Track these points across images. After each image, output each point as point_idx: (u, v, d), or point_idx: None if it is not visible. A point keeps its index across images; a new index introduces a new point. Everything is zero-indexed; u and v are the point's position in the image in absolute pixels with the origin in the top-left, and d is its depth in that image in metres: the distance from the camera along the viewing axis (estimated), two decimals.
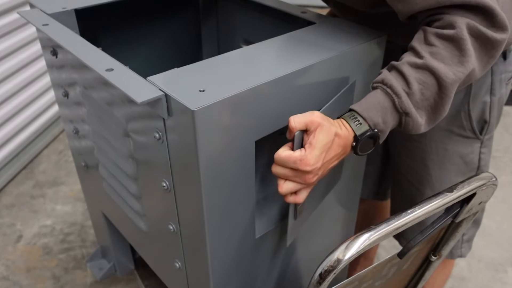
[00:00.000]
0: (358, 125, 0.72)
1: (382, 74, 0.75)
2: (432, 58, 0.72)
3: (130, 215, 1.04)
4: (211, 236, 0.79)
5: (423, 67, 0.72)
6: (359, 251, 0.64)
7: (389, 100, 0.73)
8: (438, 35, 0.73)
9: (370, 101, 0.73)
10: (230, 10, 1.25)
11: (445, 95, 0.73)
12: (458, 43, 0.71)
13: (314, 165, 0.68)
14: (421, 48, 0.73)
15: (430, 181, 1.06)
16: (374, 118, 0.72)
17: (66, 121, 1.19)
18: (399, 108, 0.73)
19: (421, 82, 0.72)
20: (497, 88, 0.96)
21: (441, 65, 0.71)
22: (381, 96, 0.73)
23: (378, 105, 0.73)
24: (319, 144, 0.68)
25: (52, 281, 1.64)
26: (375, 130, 0.73)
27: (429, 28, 0.74)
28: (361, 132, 0.72)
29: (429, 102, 0.74)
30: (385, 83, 0.73)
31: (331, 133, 0.69)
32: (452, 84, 0.72)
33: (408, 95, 0.72)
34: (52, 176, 2.15)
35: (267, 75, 0.74)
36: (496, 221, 1.91)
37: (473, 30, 0.71)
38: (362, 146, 0.73)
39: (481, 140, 1.01)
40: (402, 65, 0.73)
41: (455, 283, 1.65)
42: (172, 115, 0.70)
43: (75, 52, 0.82)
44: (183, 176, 0.76)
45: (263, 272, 0.98)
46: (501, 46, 0.74)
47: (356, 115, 0.73)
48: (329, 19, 0.97)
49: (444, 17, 0.73)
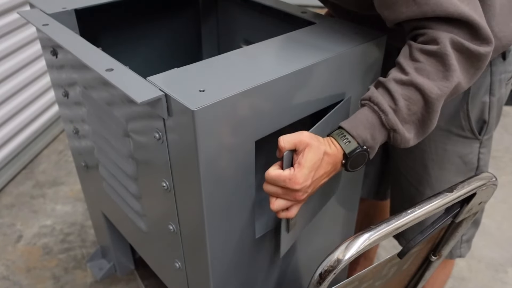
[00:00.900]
0: (347, 143, 0.74)
1: (370, 91, 0.77)
2: (417, 74, 0.74)
3: (130, 215, 1.04)
4: (211, 236, 0.79)
5: (409, 84, 0.73)
6: (359, 251, 0.64)
7: (377, 117, 0.74)
8: (423, 51, 0.74)
9: (358, 118, 0.75)
10: (230, 10, 1.25)
11: (431, 110, 0.75)
12: (442, 59, 0.73)
13: (303, 184, 0.70)
14: (407, 64, 0.75)
15: (430, 181, 1.06)
16: (362, 135, 0.74)
17: (66, 121, 1.19)
18: (386, 125, 0.74)
19: (407, 98, 0.74)
20: (496, 88, 0.96)
21: (426, 80, 0.73)
22: (368, 113, 0.75)
23: (366, 122, 0.74)
24: (308, 164, 0.70)
25: (52, 281, 1.64)
26: (364, 147, 0.74)
27: (414, 43, 0.76)
28: (350, 150, 0.74)
29: (416, 117, 0.76)
30: (372, 101, 0.75)
31: (320, 152, 0.71)
32: (437, 99, 0.74)
33: (395, 112, 0.74)
34: (52, 176, 2.15)
35: (267, 75, 0.74)
36: (496, 221, 1.91)
37: (456, 45, 0.73)
38: (352, 163, 0.75)
39: (480, 140, 1.01)
40: (389, 82, 0.75)
41: (455, 283, 1.65)
42: (172, 115, 0.70)
43: (75, 52, 0.82)
44: (183, 176, 0.76)
45: (263, 272, 0.98)
46: (486, 59, 0.75)
47: (344, 133, 0.75)
48: (329, 19, 0.97)
49: (428, 32, 0.74)
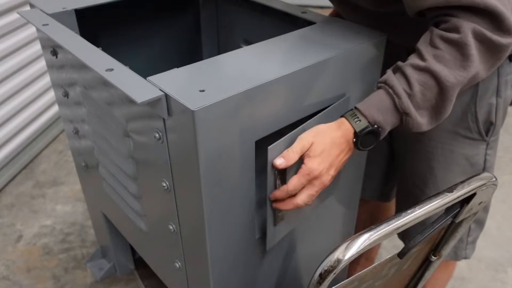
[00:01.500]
0: (357, 122, 0.77)
1: (386, 74, 0.78)
2: (435, 61, 0.74)
3: (130, 215, 1.04)
4: (211, 236, 0.79)
5: (425, 70, 0.74)
6: (359, 251, 0.64)
7: (390, 99, 0.76)
8: (443, 38, 0.74)
9: (372, 100, 0.77)
10: (230, 10, 1.25)
11: (446, 97, 0.75)
12: (462, 48, 0.72)
13: (319, 168, 0.74)
14: (426, 50, 0.75)
15: (435, 183, 1.06)
16: (374, 115, 0.76)
17: (66, 121, 1.19)
18: (400, 108, 0.76)
19: (422, 84, 0.74)
20: (503, 89, 0.96)
21: (443, 68, 0.73)
22: (383, 95, 0.77)
23: (379, 103, 0.76)
24: (314, 152, 0.74)
25: (52, 281, 1.64)
26: (374, 126, 0.76)
27: (435, 29, 0.76)
28: (360, 128, 0.76)
29: (430, 103, 0.76)
30: (388, 83, 0.76)
31: (324, 138, 0.75)
32: (452, 87, 0.74)
33: (409, 96, 0.75)
34: (52, 176, 2.15)
35: (267, 75, 0.74)
36: (496, 221, 1.91)
37: (478, 35, 0.72)
38: (362, 141, 0.77)
39: (487, 141, 1.01)
40: (406, 66, 0.76)
41: (455, 283, 1.65)
42: (172, 115, 0.70)
43: (75, 52, 0.82)
44: (183, 176, 0.76)
45: (263, 271, 0.98)
46: (508, 50, 0.74)
47: (356, 113, 0.77)
48: (329, 19, 0.97)
49: (451, 20, 0.74)
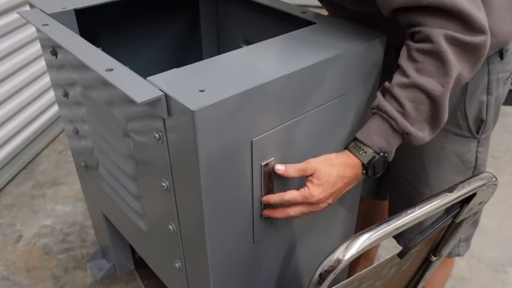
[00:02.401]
0: (363, 154, 0.79)
1: (377, 99, 0.80)
2: (418, 74, 0.76)
3: (130, 215, 1.04)
4: (211, 236, 0.79)
5: (412, 86, 0.76)
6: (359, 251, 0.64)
7: (387, 124, 0.78)
8: (420, 51, 0.76)
9: (370, 128, 0.80)
10: (230, 10, 1.25)
11: (439, 106, 0.77)
12: (438, 56, 0.74)
13: (320, 196, 0.78)
14: (407, 65, 0.77)
15: (428, 180, 1.06)
16: (377, 143, 0.79)
17: (66, 121, 1.18)
18: (398, 130, 0.78)
19: (413, 100, 0.77)
20: (493, 87, 0.96)
21: (428, 79, 0.75)
22: (379, 121, 0.79)
23: (378, 130, 0.79)
24: (320, 181, 0.78)
25: (52, 281, 1.64)
26: (381, 154, 0.79)
27: (411, 44, 0.78)
28: (367, 160, 0.79)
29: (426, 115, 0.79)
30: (380, 109, 0.79)
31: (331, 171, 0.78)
32: (442, 95, 0.76)
33: (403, 116, 0.77)
34: (52, 176, 2.15)
35: (267, 75, 0.73)
36: (496, 221, 1.91)
37: (450, 39, 0.74)
38: (372, 171, 0.80)
39: (478, 139, 1.01)
40: (393, 87, 0.78)
41: (455, 283, 1.65)
42: (172, 115, 0.70)
43: (75, 52, 0.82)
44: (183, 176, 0.76)
45: (263, 271, 0.98)
46: (484, 47, 0.75)
47: (359, 145, 0.80)
48: (329, 19, 0.97)
49: (422, 30, 0.75)
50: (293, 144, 0.84)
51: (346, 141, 0.95)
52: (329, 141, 0.92)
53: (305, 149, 0.87)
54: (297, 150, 0.85)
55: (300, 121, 0.82)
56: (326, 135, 0.90)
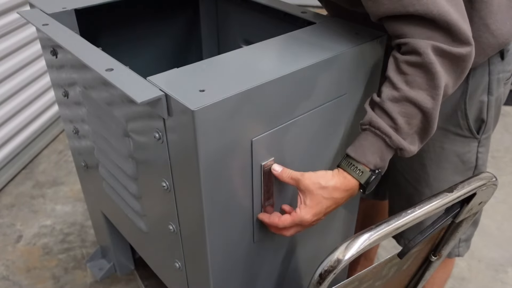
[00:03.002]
0: (360, 174, 0.78)
1: (368, 114, 0.79)
2: (408, 88, 0.75)
3: (130, 215, 1.04)
4: (211, 236, 0.79)
5: (403, 99, 0.75)
6: (359, 251, 0.64)
7: (381, 140, 0.77)
8: (408, 63, 0.75)
9: (364, 145, 0.78)
10: (230, 10, 1.25)
11: (430, 119, 0.77)
12: (427, 68, 0.74)
13: (312, 219, 0.78)
14: (396, 78, 0.76)
15: (428, 180, 1.06)
16: (372, 160, 0.77)
17: (66, 121, 1.19)
18: (392, 146, 0.77)
19: (404, 115, 0.76)
20: (494, 87, 0.96)
21: (418, 92, 0.75)
22: (372, 138, 0.78)
23: (372, 147, 0.77)
24: (312, 203, 0.77)
25: (52, 281, 1.64)
26: (377, 171, 0.78)
27: (399, 56, 0.77)
28: (365, 179, 0.78)
29: (417, 128, 0.78)
30: (373, 125, 0.77)
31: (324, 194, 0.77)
32: (433, 107, 0.75)
33: (397, 131, 0.76)
34: (52, 176, 2.15)
35: (267, 75, 0.73)
36: (496, 221, 1.91)
37: (437, 50, 0.73)
38: (369, 188, 0.79)
39: (479, 139, 1.01)
40: (383, 102, 0.77)
41: (455, 283, 1.65)
42: (172, 115, 0.70)
43: (75, 52, 0.82)
44: (183, 176, 0.76)
45: (263, 271, 0.98)
46: (470, 58, 0.76)
47: (353, 163, 0.78)
48: (329, 19, 0.97)
49: (409, 42, 0.75)
50: (293, 144, 0.84)
51: (346, 140, 0.95)
52: (329, 141, 0.92)
53: (305, 149, 0.87)
54: (297, 150, 0.85)
55: (300, 121, 0.82)
56: (326, 135, 0.90)
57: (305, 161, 0.88)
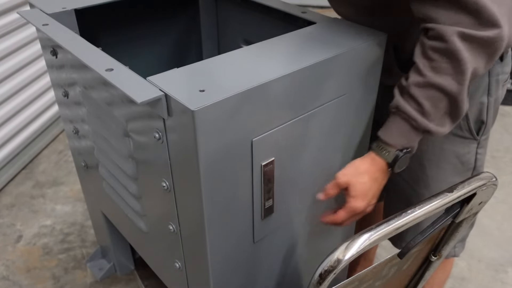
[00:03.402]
0: (386, 154, 0.83)
1: (395, 99, 0.82)
2: (434, 73, 0.77)
3: (130, 215, 1.04)
4: (211, 236, 0.79)
5: (428, 85, 0.78)
6: (359, 251, 0.64)
7: (408, 123, 0.81)
8: (434, 49, 0.77)
9: (391, 128, 0.83)
10: (230, 10, 1.25)
11: (458, 101, 0.78)
12: (453, 55, 0.75)
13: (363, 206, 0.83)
14: (423, 64, 0.78)
15: (426, 181, 1.06)
16: (400, 142, 0.82)
17: (66, 121, 1.19)
18: (419, 128, 0.81)
19: (430, 99, 0.78)
20: (493, 89, 0.96)
21: (444, 78, 0.76)
22: (400, 121, 0.82)
23: (399, 130, 0.82)
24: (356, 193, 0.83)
25: (52, 281, 1.64)
26: (404, 151, 0.83)
27: (426, 41, 0.78)
28: (391, 159, 0.83)
29: (445, 110, 0.80)
30: (400, 109, 0.81)
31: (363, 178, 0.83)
32: (459, 92, 0.77)
33: (423, 115, 0.79)
34: (52, 176, 2.15)
35: (267, 75, 0.73)
36: (496, 221, 1.91)
37: (464, 37, 0.74)
38: (397, 167, 0.84)
39: (478, 140, 1.01)
40: (410, 86, 0.80)
41: (455, 283, 1.65)
42: (172, 115, 0.70)
43: (75, 52, 0.82)
44: (183, 176, 0.76)
45: (263, 271, 0.98)
46: (500, 40, 0.75)
47: (382, 145, 0.84)
48: (329, 19, 0.97)
49: (435, 27, 0.75)
50: (293, 144, 0.84)
51: (346, 141, 0.96)
52: (329, 141, 0.92)
53: (305, 149, 0.87)
54: (297, 150, 0.85)
55: (300, 121, 0.82)
56: (326, 135, 0.90)
57: (305, 161, 0.89)
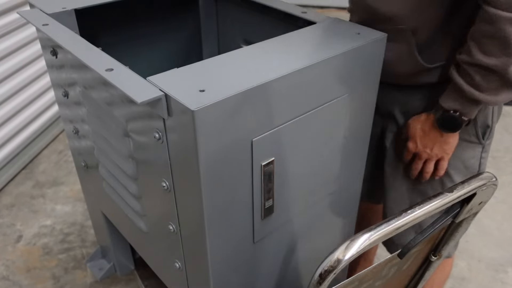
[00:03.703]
0: (435, 112, 0.95)
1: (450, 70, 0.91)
2: (482, 55, 0.83)
3: (130, 215, 1.04)
4: (211, 236, 0.79)
5: (477, 65, 0.84)
6: (359, 251, 0.64)
7: (459, 93, 0.89)
8: (485, 34, 0.82)
9: (448, 94, 0.92)
10: (230, 10, 1.25)
11: (509, 76, 0.83)
12: (501, 40, 0.80)
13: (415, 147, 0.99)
14: (473, 46, 0.84)
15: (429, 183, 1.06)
16: (451, 106, 0.91)
17: (66, 121, 1.19)
18: (469, 98, 0.88)
19: (480, 74, 0.85)
20: None
21: (491, 59, 0.82)
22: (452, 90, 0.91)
23: (453, 96, 0.91)
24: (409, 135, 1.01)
25: (52, 281, 1.64)
26: (451, 112, 0.92)
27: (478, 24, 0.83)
28: (438, 116, 0.94)
29: (498, 83, 0.85)
30: (454, 81, 0.90)
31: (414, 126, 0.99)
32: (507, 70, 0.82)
33: (474, 86, 0.87)
34: (52, 176, 2.15)
35: (267, 75, 0.73)
36: (496, 221, 1.91)
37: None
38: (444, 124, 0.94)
39: (483, 145, 1.02)
40: (462, 63, 0.88)
41: (455, 283, 1.65)
42: (172, 115, 0.70)
43: (75, 52, 0.82)
44: (183, 176, 0.76)
45: (263, 272, 0.97)
46: None
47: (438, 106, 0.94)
48: (329, 19, 0.97)
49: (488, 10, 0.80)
50: (293, 144, 0.84)
51: (346, 140, 0.95)
52: (329, 141, 0.92)
53: (305, 149, 0.87)
54: (297, 150, 0.85)
55: (300, 121, 0.82)
56: (326, 135, 0.90)
57: (305, 161, 0.89)
